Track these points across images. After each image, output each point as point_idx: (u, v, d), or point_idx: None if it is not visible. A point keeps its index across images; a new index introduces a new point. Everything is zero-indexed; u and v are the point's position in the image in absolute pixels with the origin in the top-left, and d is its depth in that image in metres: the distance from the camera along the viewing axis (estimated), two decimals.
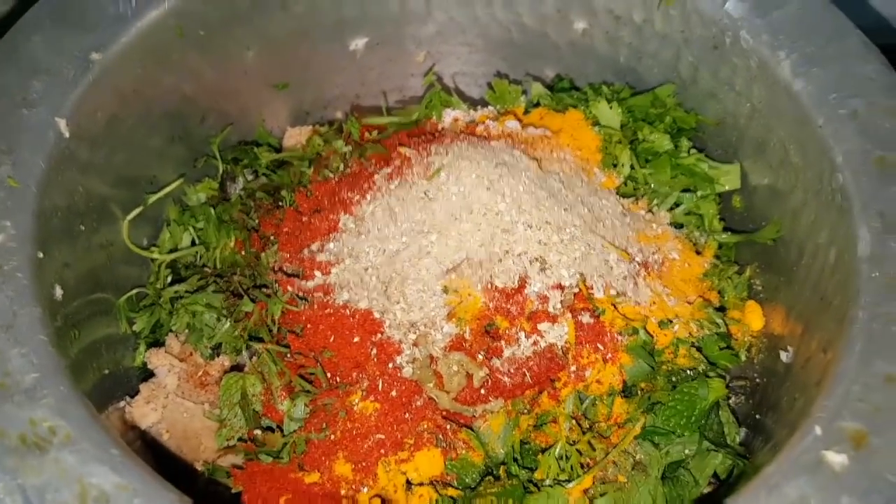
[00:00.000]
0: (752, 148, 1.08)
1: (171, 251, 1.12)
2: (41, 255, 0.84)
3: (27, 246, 0.83)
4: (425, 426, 0.90)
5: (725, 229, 1.12)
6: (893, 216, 0.84)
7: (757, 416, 1.02)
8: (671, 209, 1.10)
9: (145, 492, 0.68)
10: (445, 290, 0.92)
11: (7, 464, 0.67)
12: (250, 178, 1.18)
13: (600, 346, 0.94)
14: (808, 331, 0.92)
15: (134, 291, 1.07)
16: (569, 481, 0.92)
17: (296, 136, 1.28)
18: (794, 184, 1.00)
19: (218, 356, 1.03)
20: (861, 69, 0.96)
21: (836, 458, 0.69)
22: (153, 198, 1.10)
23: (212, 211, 1.11)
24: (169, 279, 1.11)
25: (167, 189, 1.12)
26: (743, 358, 1.06)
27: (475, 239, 0.93)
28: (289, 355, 0.96)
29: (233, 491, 0.92)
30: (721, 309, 1.06)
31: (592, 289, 0.95)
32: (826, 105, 0.95)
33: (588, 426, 0.96)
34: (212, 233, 1.11)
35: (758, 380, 1.06)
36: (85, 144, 0.96)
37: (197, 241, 1.13)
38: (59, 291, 0.87)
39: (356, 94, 1.33)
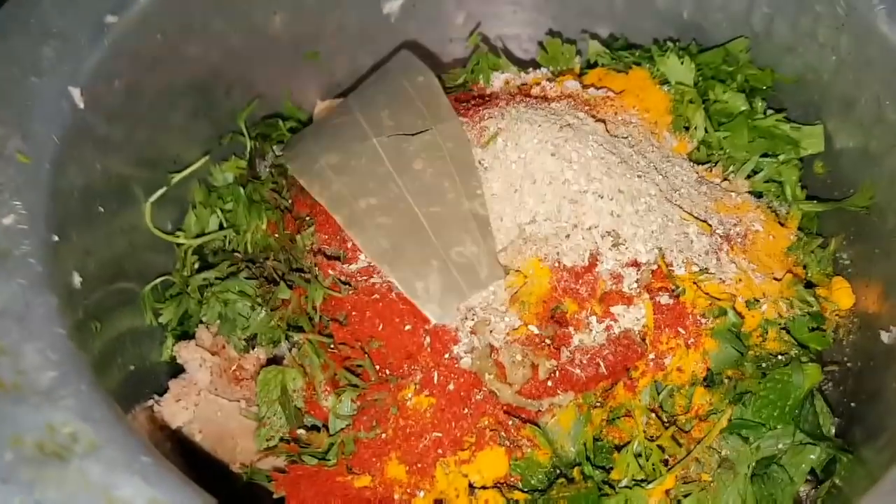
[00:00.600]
0: (839, 106, 0.98)
1: (197, 236, 1.03)
2: (56, 238, 0.76)
3: (41, 228, 0.74)
4: (486, 423, 0.81)
5: (808, 198, 1.01)
6: None
7: (852, 405, 0.93)
8: (749, 176, 0.99)
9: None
10: (506, 270, 0.82)
11: (23, 476, 0.59)
12: (280, 154, 1.09)
13: (681, 331, 0.84)
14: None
15: (159, 280, 0.98)
16: (648, 481, 0.83)
17: (327, 110, 1.18)
18: (893, 143, 0.89)
19: (253, 348, 0.95)
20: None
21: None
22: (177, 177, 1.01)
23: (241, 191, 1.02)
24: (196, 266, 1.02)
25: (192, 167, 1.03)
26: (833, 339, 0.96)
27: (539, 212, 0.83)
28: (332, 346, 0.86)
29: (274, 496, 0.83)
30: (808, 285, 0.96)
31: (672, 265, 0.84)
32: None
33: (668, 420, 0.86)
34: (242, 214, 1.02)
35: (849, 364, 0.96)
36: (102, 118, 0.87)
37: (225, 225, 1.04)
38: (77, 279, 0.78)
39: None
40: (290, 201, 1.01)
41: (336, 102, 1.18)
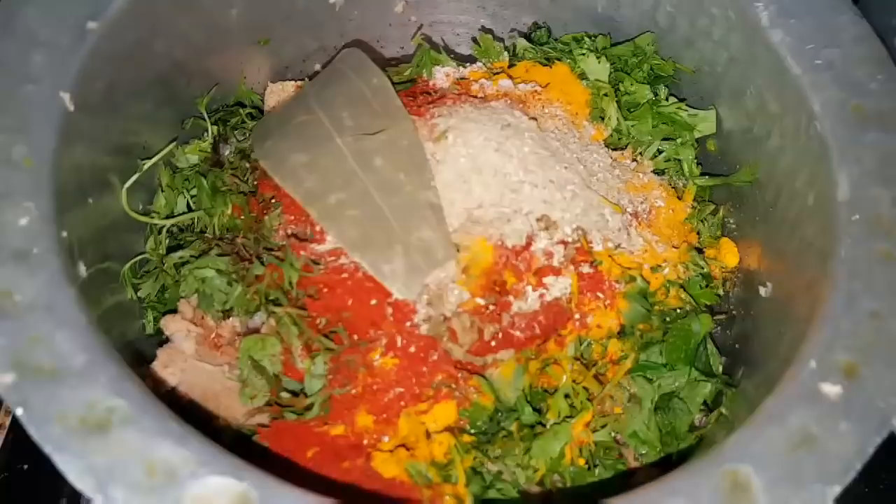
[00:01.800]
0: (729, 95, 1.14)
1: (167, 217, 1.13)
2: (65, 234, 0.85)
3: (51, 227, 0.83)
4: (441, 379, 0.95)
5: (703, 173, 1.18)
6: (871, 162, 0.91)
7: (736, 346, 1.11)
8: (654, 157, 1.16)
9: (209, 461, 0.71)
10: (457, 248, 0.96)
11: (73, 447, 0.69)
12: (241, 139, 1.19)
13: (600, 294, 1.00)
14: (789, 269, 1.00)
15: (137, 258, 1.08)
16: (572, 417, 1.00)
17: (277, 92, 1.27)
18: (771, 130, 1.07)
19: (228, 318, 1.06)
20: (835, 19, 1.02)
21: (832, 389, 0.77)
22: (148, 163, 1.10)
23: (203, 180, 1.12)
24: (167, 243, 1.12)
25: (160, 154, 1.12)
26: (720, 292, 1.14)
27: (485, 199, 0.97)
28: (307, 317, 0.99)
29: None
30: (699, 249, 1.14)
31: (592, 242, 1.01)
32: (803, 55, 1.01)
33: (589, 365, 1.03)
34: (206, 201, 1.12)
35: (734, 313, 1.15)
36: (87, 116, 0.94)
37: (192, 206, 1.14)
38: (83, 269, 0.88)
39: (335, 46, 1.33)
40: (254, 184, 1.12)
41: (286, 85, 1.28)
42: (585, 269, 1.00)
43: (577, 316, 1.00)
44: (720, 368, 1.08)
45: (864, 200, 0.89)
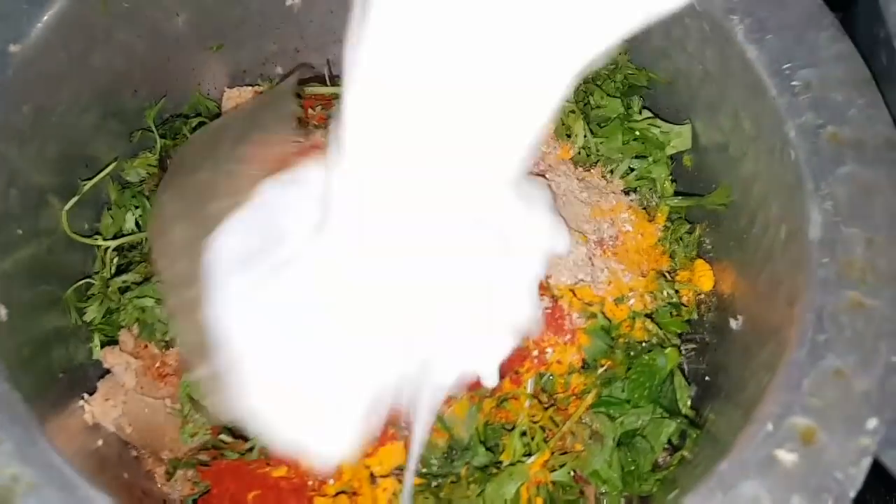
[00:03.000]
0: (704, 110, 1.08)
1: (115, 236, 1.08)
2: None
3: None
4: (389, 421, 0.91)
5: (677, 193, 1.12)
6: (845, 198, 0.85)
7: (706, 378, 1.07)
8: (624, 175, 1.09)
9: None
10: None
11: None
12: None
13: (560, 330, 0.95)
14: (759, 305, 0.95)
15: (82, 282, 1.04)
16: (530, 455, 0.96)
17: (234, 98, 1.22)
18: (745, 152, 1.00)
19: (173, 347, 1.02)
20: (814, 36, 0.94)
21: (788, 457, 0.73)
22: (89, 184, 1.05)
23: (146, 201, 1.06)
24: (115, 262, 1.08)
25: (103, 173, 1.07)
26: (694, 316, 1.09)
27: None
28: None
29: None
30: (671, 272, 1.08)
31: (551, 277, 0.95)
32: (779, 75, 0.93)
33: (549, 402, 0.98)
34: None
35: (707, 339, 1.09)
36: (14, 143, 0.90)
37: (141, 224, 1.09)
38: (3, 312, 0.84)
39: (295, 48, 1.27)
40: None
41: (243, 91, 1.22)
42: (545, 303, 0.95)
43: (535, 353, 0.95)
44: (688, 402, 1.03)
45: (837, 241, 0.83)
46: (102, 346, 1.04)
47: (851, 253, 0.82)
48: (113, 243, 1.07)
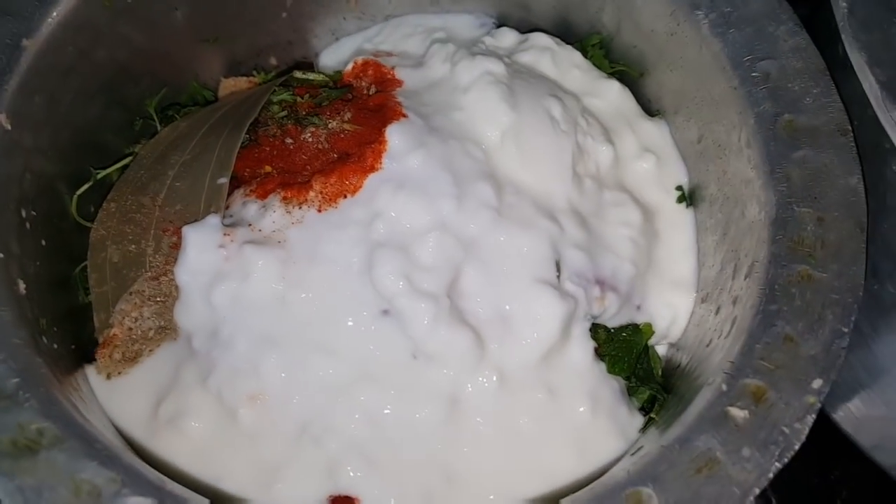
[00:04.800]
0: (674, 102, 1.15)
1: None
2: (1, 255, 0.87)
3: None
4: None
5: None
6: (799, 180, 0.92)
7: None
8: None
9: (133, 482, 0.75)
10: None
11: (3, 467, 0.73)
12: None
13: None
14: (721, 279, 1.02)
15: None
16: None
17: (230, 87, 1.28)
18: (717, 142, 1.07)
19: None
20: (774, 29, 1.02)
21: (739, 413, 0.80)
22: (103, 172, 1.12)
23: None
24: None
25: (117, 165, 1.13)
26: None
27: None
28: None
29: None
30: None
31: None
32: (741, 66, 1.01)
33: None
34: None
35: None
36: (28, 132, 0.96)
37: None
38: (22, 286, 0.90)
39: (288, 40, 1.33)
40: None
41: (238, 80, 1.28)
42: None
43: None
44: (660, 371, 1.10)
45: (790, 220, 0.91)
46: None
47: (803, 230, 0.90)
48: None
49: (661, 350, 1.10)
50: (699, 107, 1.09)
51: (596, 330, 1.05)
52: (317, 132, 1.05)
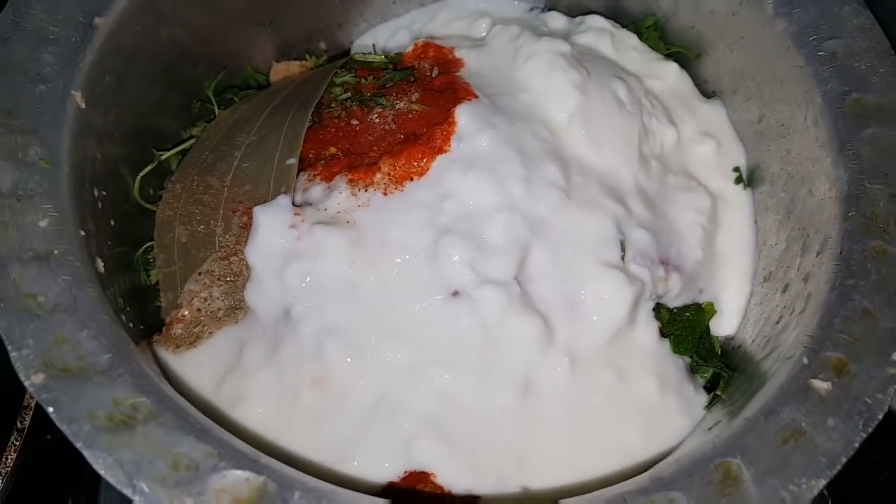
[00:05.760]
0: (732, 83, 1.16)
1: None
2: (83, 233, 0.87)
3: (70, 227, 0.85)
4: None
5: None
6: (869, 157, 0.93)
7: None
8: None
9: (229, 455, 0.75)
10: None
11: (101, 442, 0.73)
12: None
13: None
14: (788, 257, 1.03)
15: (150, 243, 1.11)
16: None
17: (282, 71, 1.29)
18: (780, 121, 1.08)
19: None
20: (839, 10, 1.03)
21: (822, 385, 0.81)
22: (165, 155, 1.12)
23: None
24: None
25: (179, 147, 1.14)
26: None
27: None
28: None
29: None
30: None
31: None
32: (806, 46, 1.02)
33: None
34: None
35: None
36: (99, 111, 0.97)
37: None
38: (101, 264, 0.91)
39: (338, 23, 1.34)
40: None
41: (290, 65, 1.29)
42: None
43: None
44: (719, 350, 1.11)
45: (862, 196, 0.91)
46: None
47: (875, 206, 0.90)
48: None
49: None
50: (760, 87, 1.09)
51: (659, 310, 1.06)
52: (383, 113, 1.05)
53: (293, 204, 1.00)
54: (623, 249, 1.00)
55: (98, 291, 0.84)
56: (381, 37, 1.35)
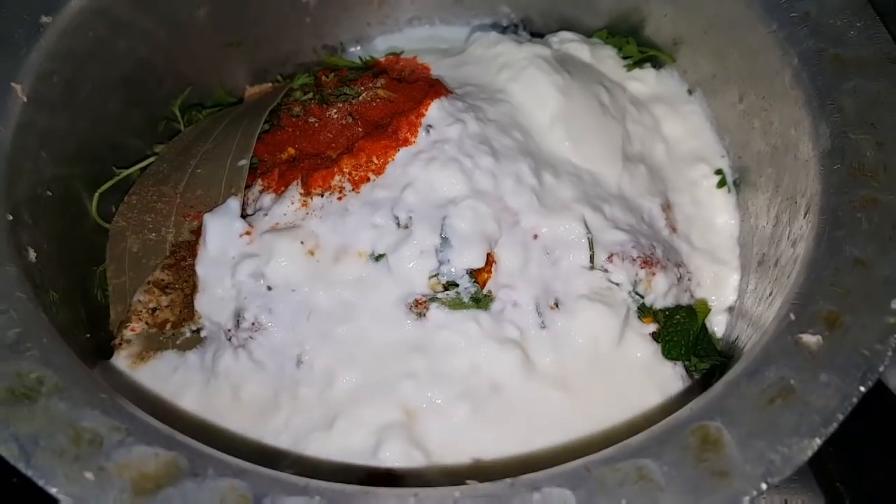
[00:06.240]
0: (711, 66, 1.11)
1: None
2: (10, 217, 0.84)
3: None
4: None
5: None
6: (851, 110, 0.86)
7: None
8: None
9: (139, 431, 0.68)
10: None
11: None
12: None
13: None
14: (778, 231, 0.94)
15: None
16: None
17: (256, 95, 1.27)
18: (749, 93, 1.02)
19: None
20: None
21: (812, 339, 0.71)
22: (124, 173, 1.09)
23: None
24: None
25: (140, 164, 1.11)
26: None
27: None
28: None
29: None
30: None
31: None
32: (777, 9, 0.97)
33: None
34: None
35: None
36: (44, 110, 0.94)
37: None
38: (32, 254, 0.86)
39: (313, 47, 1.33)
40: None
41: (264, 87, 1.27)
42: None
43: None
44: (718, 346, 1.02)
45: (847, 148, 0.84)
46: None
47: (862, 157, 0.82)
48: None
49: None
50: (737, 63, 1.04)
51: (650, 311, 0.97)
52: (343, 108, 1.02)
53: (245, 215, 0.96)
54: (592, 249, 0.94)
55: (19, 273, 0.79)
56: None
